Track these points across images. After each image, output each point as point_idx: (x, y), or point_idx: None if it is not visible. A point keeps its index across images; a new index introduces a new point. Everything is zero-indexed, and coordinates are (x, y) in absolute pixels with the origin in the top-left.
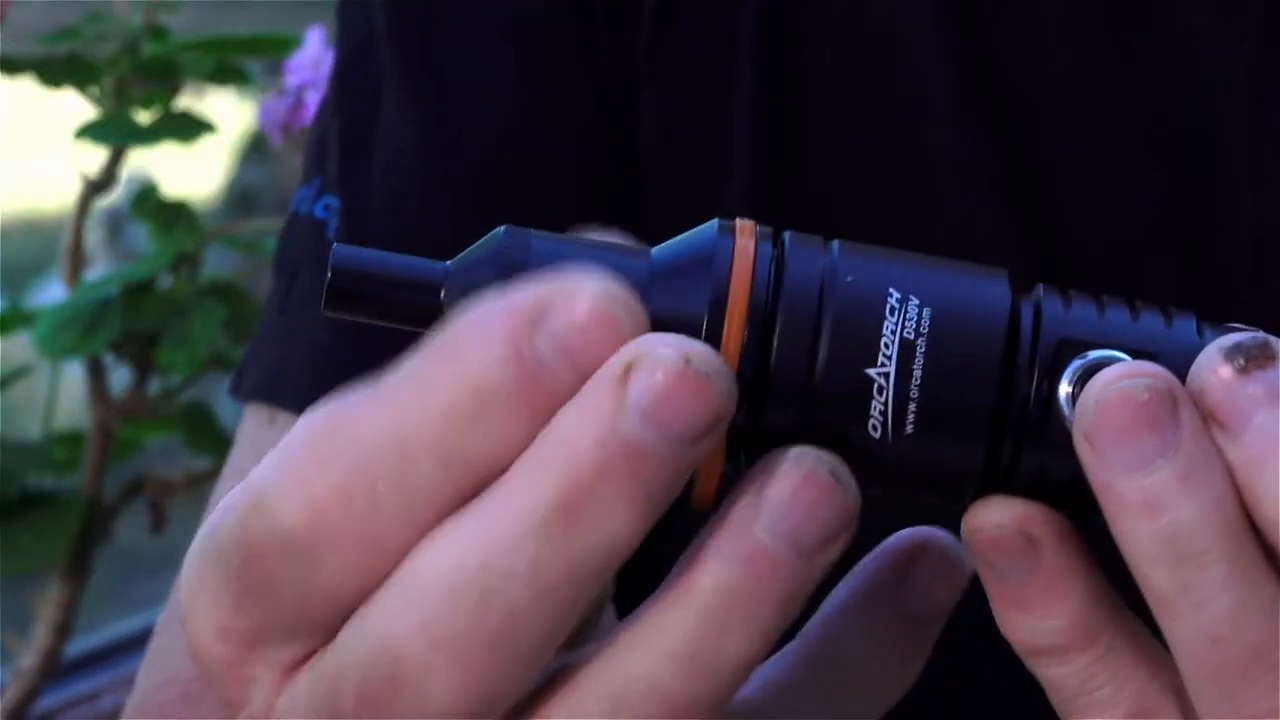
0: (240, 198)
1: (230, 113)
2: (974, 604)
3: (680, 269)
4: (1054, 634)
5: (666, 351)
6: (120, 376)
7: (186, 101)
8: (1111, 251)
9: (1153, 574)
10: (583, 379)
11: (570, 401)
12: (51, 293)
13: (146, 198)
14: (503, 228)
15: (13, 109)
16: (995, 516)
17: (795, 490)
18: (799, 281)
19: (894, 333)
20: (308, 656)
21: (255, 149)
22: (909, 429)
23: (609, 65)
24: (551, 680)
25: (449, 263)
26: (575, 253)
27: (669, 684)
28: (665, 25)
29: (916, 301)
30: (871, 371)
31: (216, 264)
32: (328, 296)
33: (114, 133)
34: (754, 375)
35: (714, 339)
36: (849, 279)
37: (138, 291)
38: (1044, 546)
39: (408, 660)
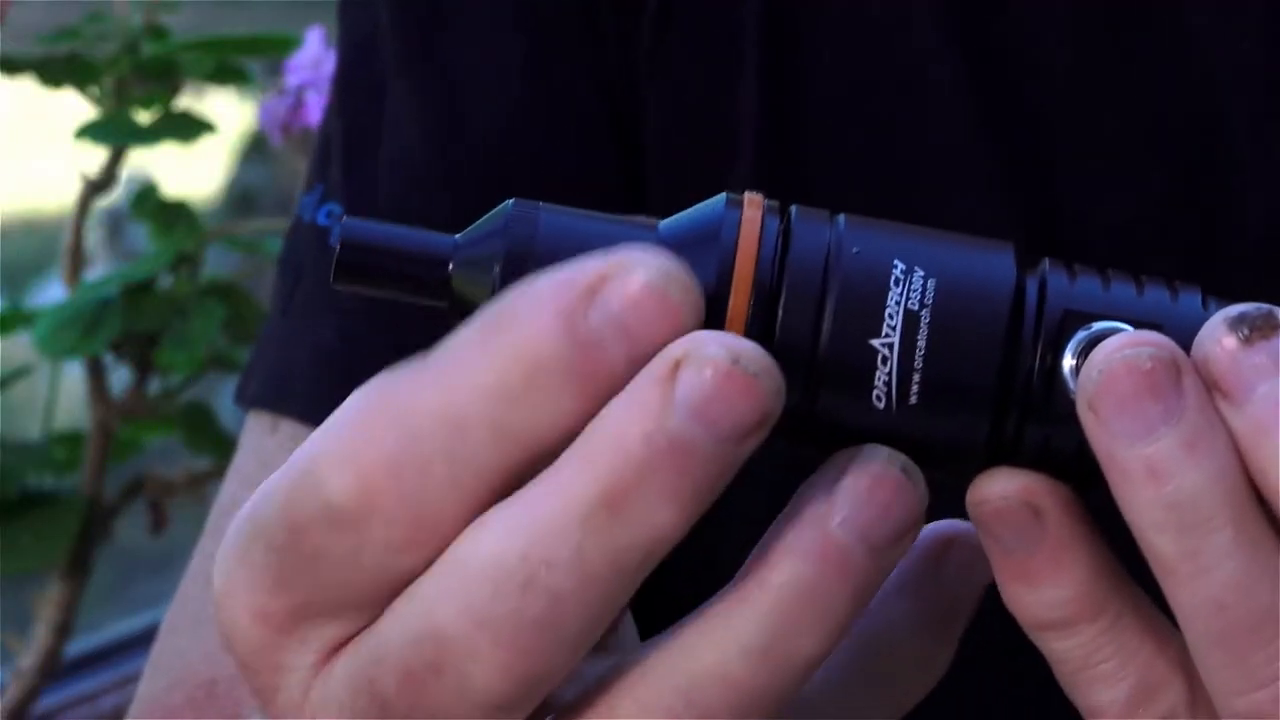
0: (240, 198)
1: (230, 113)
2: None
3: (687, 242)
4: (1060, 606)
5: (715, 349)
6: (120, 376)
7: (186, 101)
8: (1113, 250)
9: (1158, 541)
10: (636, 356)
11: (618, 396)
12: (51, 293)
13: (146, 198)
14: (511, 200)
15: (13, 109)
16: (999, 487)
17: (869, 488)
18: (804, 253)
19: (898, 304)
20: (345, 642)
21: (255, 149)
22: (913, 400)
23: (613, 63)
24: (619, 671)
25: (458, 235)
26: (584, 226)
27: (741, 678)
28: (667, 25)
29: (921, 273)
30: (875, 342)
31: (216, 264)
32: (337, 269)
33: (114, 133)
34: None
35: (719, 311)
36: (855, 250)
37: (138, 291)
38: (1049, 517)
39: (451, 642)
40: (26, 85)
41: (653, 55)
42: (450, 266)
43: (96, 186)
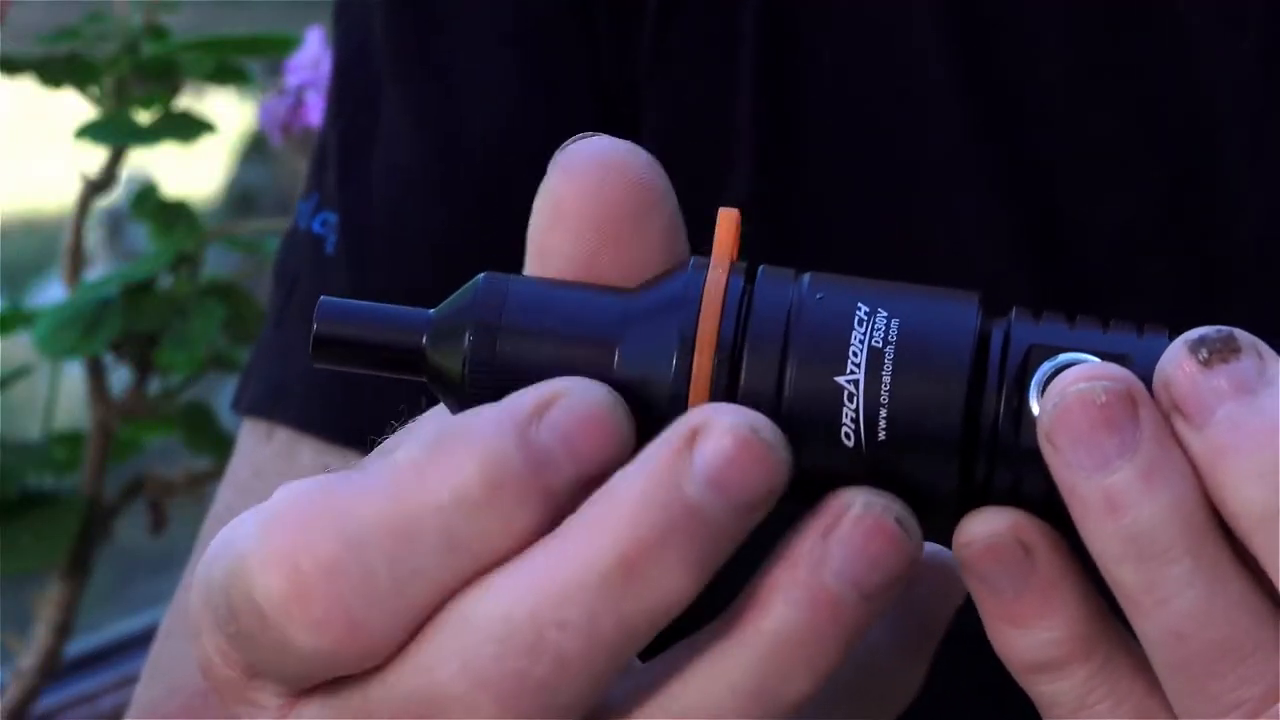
0: (240, 198)
1: (230, 113)
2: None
3: (656, 307)
4: (1051, 646)
5: (733, 420)
6: (120, 376)
7: (186, 101)
8: (1111, 250)
9: (1118, 573)
10: (582, 476)
11: (633, 463)
12: (51, 293)
13: (146, 198)
14: (482, 275)
15: (13, 109)
16: (988, 525)
17: (863, 539)
18: (767, 307)
19: (862, 342)
20: (310, 689)
21: (255, 149)
22: (881, 436)
23: (610, 66)
24: (607, 708)
25: (432, 310)
26: (554, 295)
27: (729, 717)
28: (666, 26)
29: (885, 314)
30: (841, 379)
31: (216, 264)
32: (314, 347)
33: (114, 133)
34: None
35: (685, 372)
36: (818, 296)
37: (138, 291)
38: (1038, 554)
39: (451, 700)
40: (26, 85)
41: (652, 57)
42: (424, 340)
43: (96, 186)
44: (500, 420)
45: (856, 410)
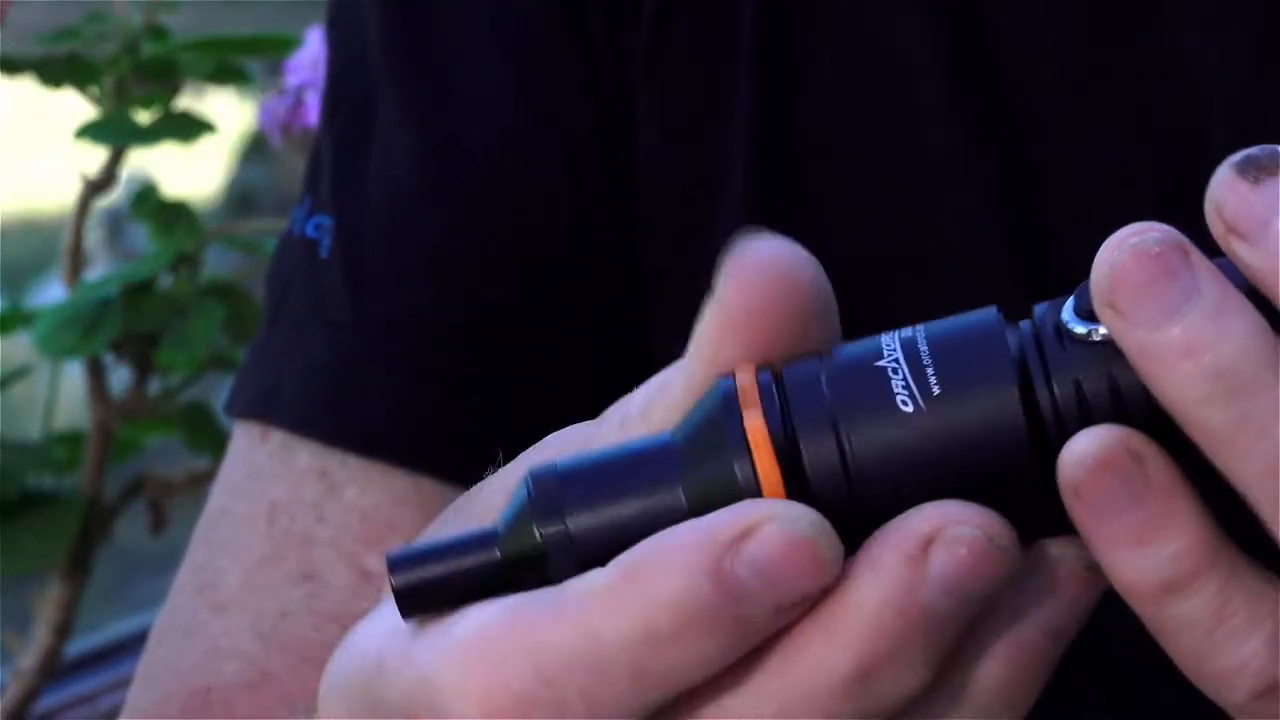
0: (240, 198)
1: (230, 113)
2: None
3: (703, 450)
4: (1178, 560)
5: (969, 530)
6: (120, 376)
7: (186, 101)
8: None
9: (1207, 416)
10: (780, 604)
11: (865, 572)
12: (51, 293)
13: (146, 198)
14: (528, 472)
15: (13, 109)
16: (1096, 439)
17: (964, 565)
18: (801, 379)
19: (894, 337)
20: None
21: (255, 149)
22: (935, 389)
23: (606, 70)
24: (718, 679)
25: (494, 524)
26: (605, 467)
27: (831, 705)
28: (664, 29)
29: (908, 328)
30: (880, 363)
31: (216, 264)
32: (400, 602)
33: (114, 133)
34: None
35: (751, 471)
36: (842, 348)
37: (138, 291)
38: (1150, 463)
39: None
40: (26, 85)
41: (648, 63)
42: (498, 554)
43: (96, 186)
44: (692, 553)
45: (904, 377)
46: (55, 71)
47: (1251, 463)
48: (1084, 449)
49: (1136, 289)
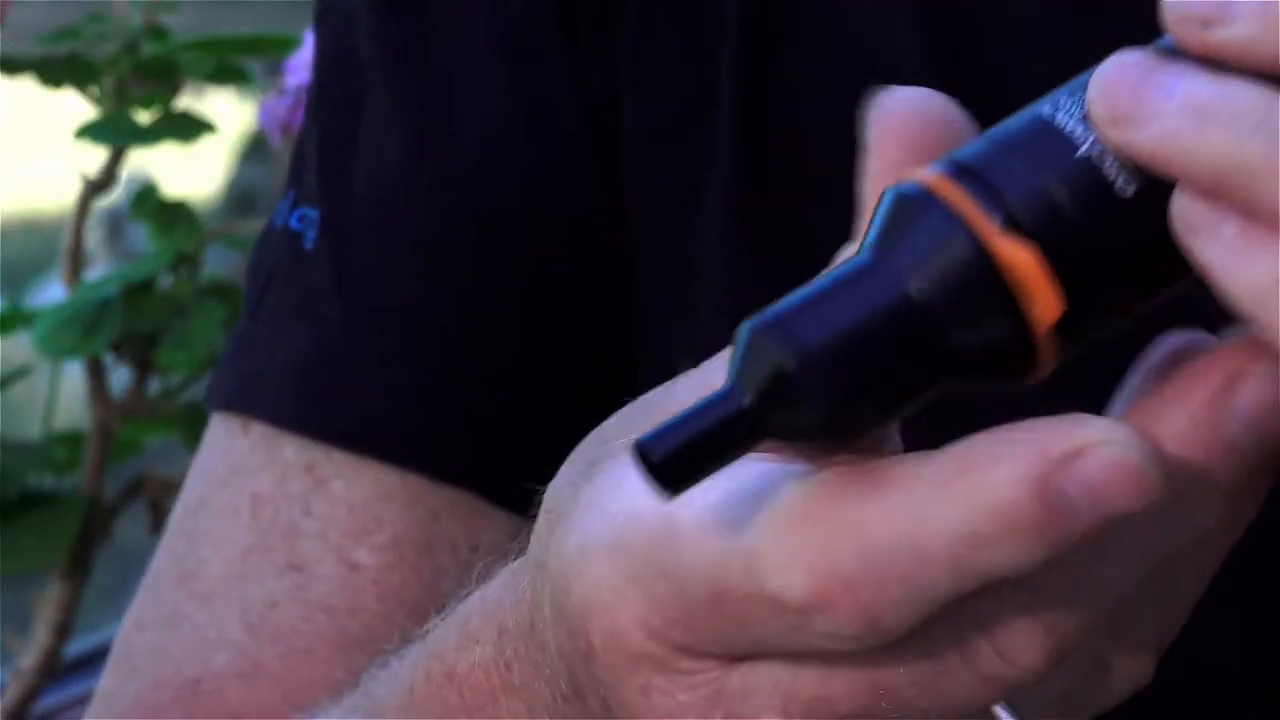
0: (240, 198)
1: (230, 113)
2: None
3: (919, 244)
4: None
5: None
6: (120, 376)
7: (186, 101)
8: None
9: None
10: (1102, 524)
11: (1170, 407)
12: (51, 293)
13: (146, 198)
14: (742, 328)
15: (13, 109)
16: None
17: (1104, 478)
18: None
19: (1068, 116)
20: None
21: (255, 149)
22: (1135, 181)
23: (595, 69)
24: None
25: (728, 383)
26: (814, 298)
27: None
28: (647, 28)
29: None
30: (1079, 154)
31: (216, 264)
32: (661, 480)
33: (114, 133)
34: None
35: (986, 255)
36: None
37: (138, 291)
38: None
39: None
40: (26, 85)
41: (631, 63)
42: (746, 402)
43: (96, 186)
44: (1022, 464)
45: (1112, 163)
46: (55, 71)
47: None
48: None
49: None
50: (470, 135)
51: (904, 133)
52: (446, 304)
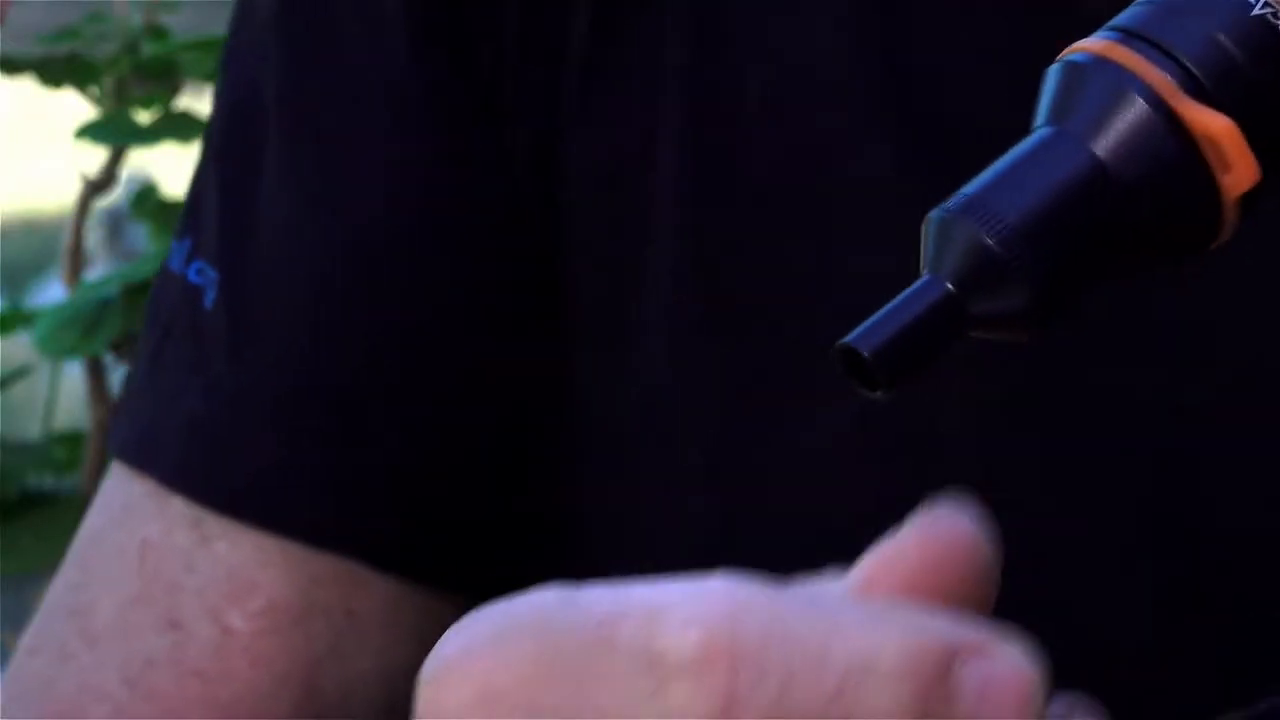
0: None
1: None
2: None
3: (1093, 103)
4: None
5: None
6: (120, 376)
7: (186, 101)
8: None
9: None
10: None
11: None
12: (51, 293)
13: (146, 198)
14: (932, 215)
15: (13, 109)
16: None
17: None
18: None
19: None
20: None
21: None
22: None
23: (523, 120)
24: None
25: (925, 276)
26: (999, 175)
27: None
28: (592, 70)
29: None
30: (1253, 11)
31: None
32: (881, 375)
33: (114, 133)
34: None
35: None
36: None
37: (138, 291)
38: None
39: None
40: (26, 85)
41: (578, 107)
42: (949, 287)
43: (96, 186)
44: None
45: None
46: (55, 71)
47: None
48: None
49: None
50: (359, 204)
51: (922, 555)
52: (331, 373)
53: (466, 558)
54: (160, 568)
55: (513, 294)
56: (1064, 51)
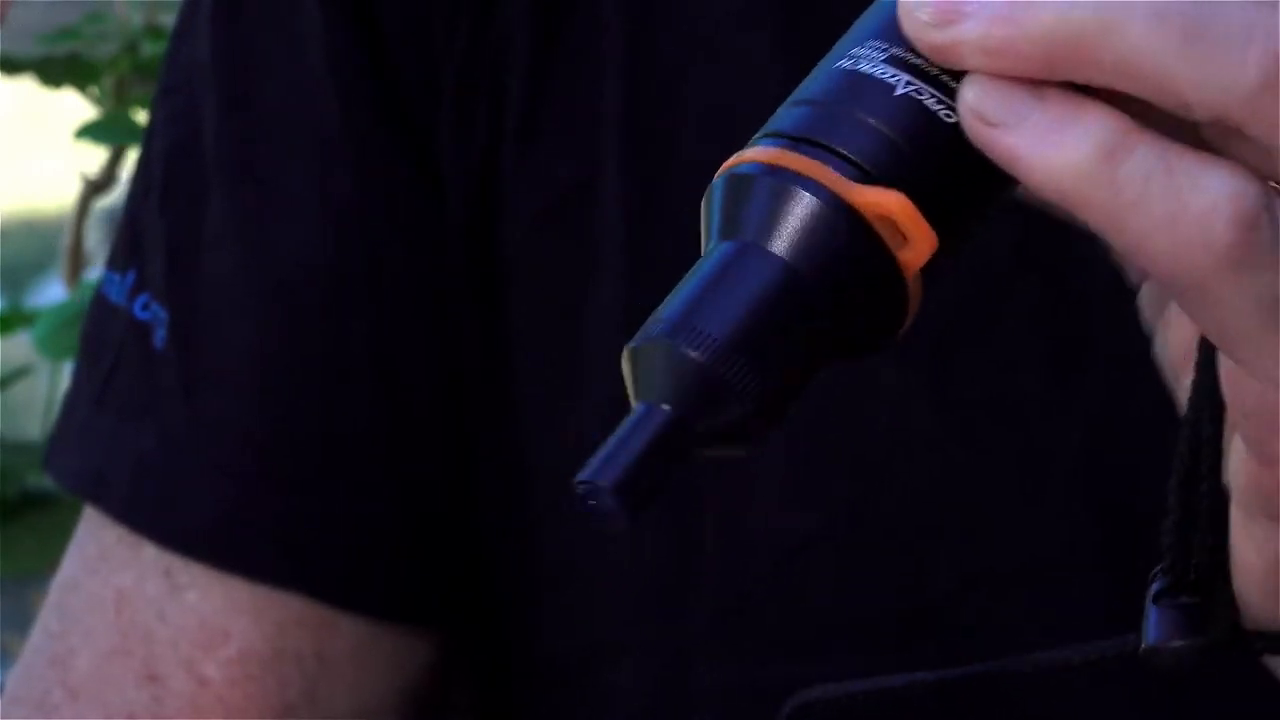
0: None
1: None
2: None
3: (775, 213)
4: (1105, 127)
5: None
6: None
7: None
8: (975, 276)
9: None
10: None
11: None
12: (51, 293)
13: None
14: (628, 348)
15: (13, 109)
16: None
17: None
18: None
19: (871, 60)
20: None
21: None
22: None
23: (461, 162)
24: None
25: (641, 405)
26: (693, 295)
27: None
28: (533, 111)
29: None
30: (898, 93)
31: None
32: (630, 508)
33: (114, 133)
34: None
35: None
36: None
37: None
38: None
39: None
40: (26, 85)
41: (518, 147)
42: (668, 410)
43: (96, 186)
44: None
45: (931, 95)
46: (55, 71)
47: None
48: (973, 83)
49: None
50: (296, 251)
51: None
52: (284, 417)
53: (433, 594)
54: (135, 617)
55: (455, 330)
56: (726, 165)
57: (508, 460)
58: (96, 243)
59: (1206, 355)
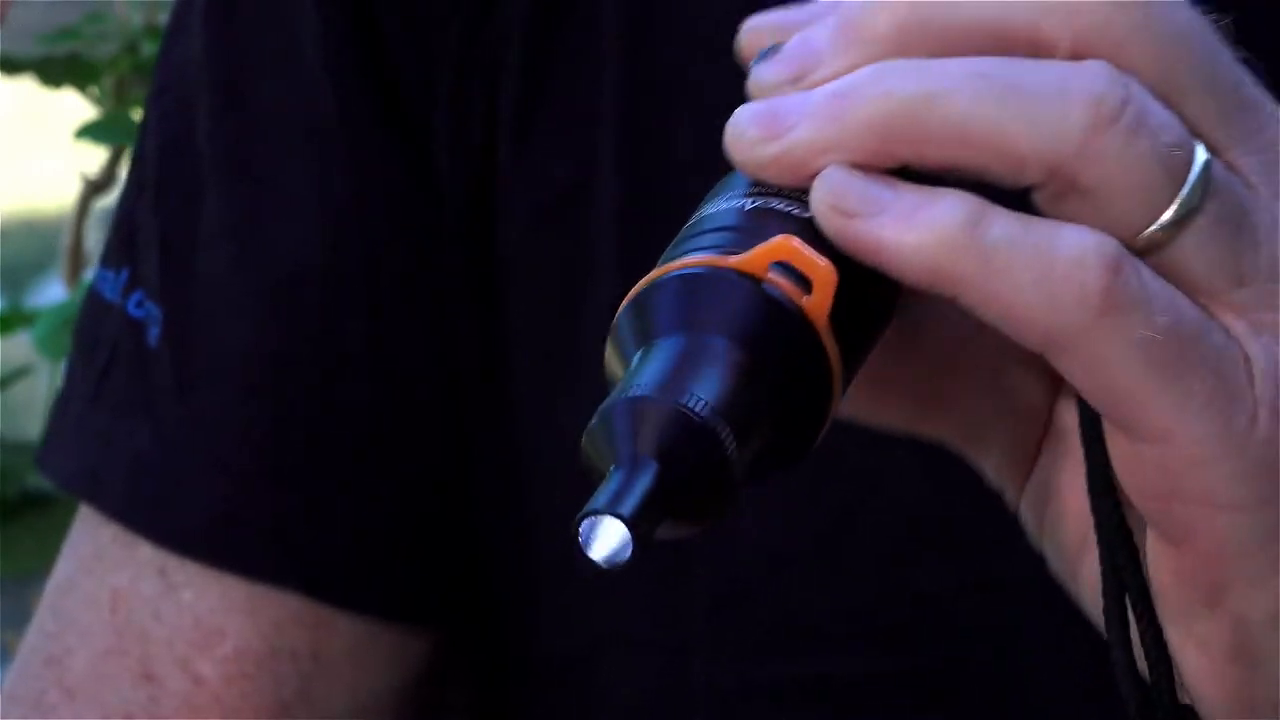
0: None
1: None
2: None
3: (715, 297)
4: (961, 203)
5: None
6: None
7: None
8: None
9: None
10: None
11: None
12: (51, 293)
13: None
14: (600, 411)
15: (13, 109)
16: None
17: None
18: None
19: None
20: None
21: None
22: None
23: (458, 159)
24: None
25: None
26: (652, 375)
27: None
28: (528, 110)
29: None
30: (746, 208)
31: None
32: (639, 546)
33: (114, 133)
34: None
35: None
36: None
37: None
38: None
39: None
40: (26, 85)
41: (514, 145)
42: (655, 463)
43: (96, 186)
44: None
45: (780, 200)
46: (55, 71)
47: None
48: (826, 179)
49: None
50: (292, 249)
51: None
52: (279, 414)
53: (431, 593)
54: (130, 617)
55: (452, 329)
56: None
57: (505, 459)
58: (96, 243)
59: (1101, 479)
